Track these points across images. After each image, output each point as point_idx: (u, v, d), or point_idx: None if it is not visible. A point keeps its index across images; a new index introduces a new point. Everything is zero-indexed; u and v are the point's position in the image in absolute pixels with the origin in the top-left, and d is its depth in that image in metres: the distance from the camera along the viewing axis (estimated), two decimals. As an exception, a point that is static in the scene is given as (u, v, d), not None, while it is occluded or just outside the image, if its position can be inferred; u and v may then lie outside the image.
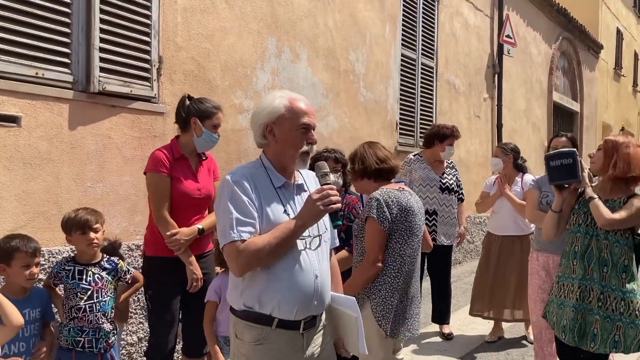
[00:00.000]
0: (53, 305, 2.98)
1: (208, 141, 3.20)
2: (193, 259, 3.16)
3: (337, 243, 2.39)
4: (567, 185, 3.15)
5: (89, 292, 2.89)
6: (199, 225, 3.19)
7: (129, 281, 3.12)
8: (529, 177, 5.03)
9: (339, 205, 2.01)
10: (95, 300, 2.90)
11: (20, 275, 2.70)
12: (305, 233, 2.06)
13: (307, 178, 2.25)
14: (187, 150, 3.21)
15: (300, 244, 2.06)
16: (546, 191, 3.96)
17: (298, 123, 2.08)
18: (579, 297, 3.00)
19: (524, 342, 5.04)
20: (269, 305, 2.02)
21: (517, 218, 4.91)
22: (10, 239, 2.73)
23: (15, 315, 2.41)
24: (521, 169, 5.09)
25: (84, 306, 2.87)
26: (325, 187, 2.02)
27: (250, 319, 2.06)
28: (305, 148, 2.09)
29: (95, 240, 2.92)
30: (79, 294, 2.87)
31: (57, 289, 3.02)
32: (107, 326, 2.95)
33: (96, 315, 2.90)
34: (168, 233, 3.06)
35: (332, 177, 2.08)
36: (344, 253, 3.25)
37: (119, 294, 3.12)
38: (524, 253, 4.74)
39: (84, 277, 2.91)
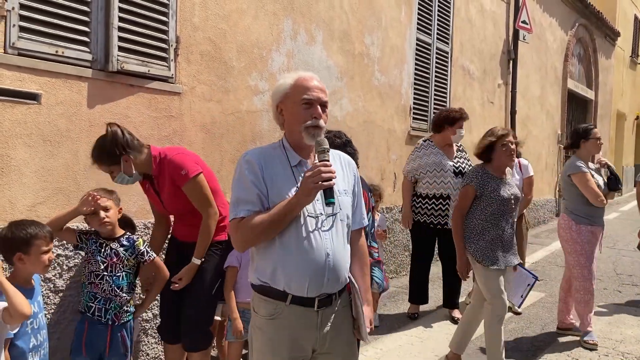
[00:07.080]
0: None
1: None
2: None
3: (366, 222, 2.35)
4: None
5: (104, 265, 3.00)
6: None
7: (146, 262, 3.13)
8: (524, 161, 5.51)
9: (332, 182, 1.99)
10: (108, 273, 3.01)
11: (39, 263, 2.54)
12: (318, 212, 2.08)
13: (335, 158, 2.23)
14: (142, 173, 3.19)
15: (311, 222, 2.07)
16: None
17: (300, 98, 2.11)
18: None
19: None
20: (282, 281, 2.07)
21: None
22: (23, 226, 2.53)
23: (24, 306, 2.30)
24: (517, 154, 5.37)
25: (102, 274, 2.99)
26: (318, 163, 2.01)
27: (266, 293, 2.12)
28: (309, 122, 2.09)
29: (106, 219, 3.00)
30: (98, 262, 3.00)
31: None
32: (119, 300, 3.02)
33: (111, 286, 3.00)
34: None
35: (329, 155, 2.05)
36: None
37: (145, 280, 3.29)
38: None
39: (102, 251, 3.02)
